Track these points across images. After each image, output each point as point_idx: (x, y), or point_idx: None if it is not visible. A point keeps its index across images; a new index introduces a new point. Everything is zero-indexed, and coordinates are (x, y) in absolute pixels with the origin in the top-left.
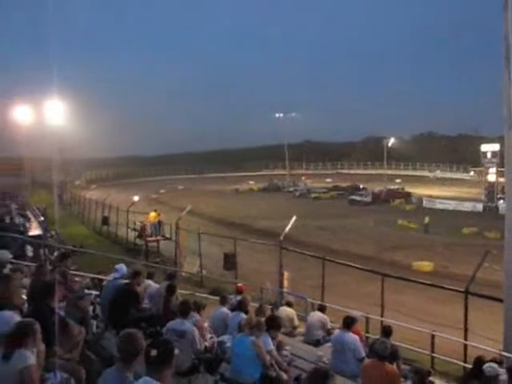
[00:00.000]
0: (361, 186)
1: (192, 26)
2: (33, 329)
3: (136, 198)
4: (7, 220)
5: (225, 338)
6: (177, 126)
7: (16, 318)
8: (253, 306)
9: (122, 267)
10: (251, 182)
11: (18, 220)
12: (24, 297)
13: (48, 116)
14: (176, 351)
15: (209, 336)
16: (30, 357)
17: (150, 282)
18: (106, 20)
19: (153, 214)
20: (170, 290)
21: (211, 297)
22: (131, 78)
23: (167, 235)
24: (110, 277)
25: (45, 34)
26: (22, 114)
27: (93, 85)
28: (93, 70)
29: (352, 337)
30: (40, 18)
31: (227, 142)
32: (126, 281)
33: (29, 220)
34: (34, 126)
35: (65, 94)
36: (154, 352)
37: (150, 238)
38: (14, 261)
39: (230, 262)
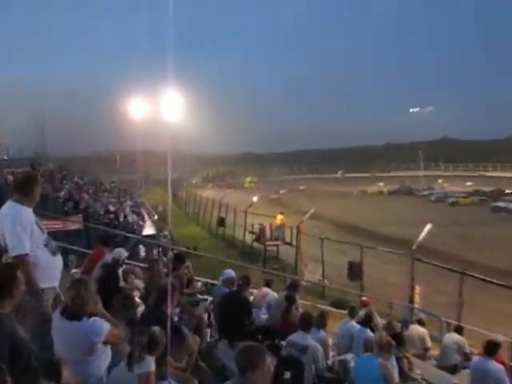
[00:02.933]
0: (507, 191)
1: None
2: (163, 339)
3: (255, 199)
4: (121, 217)
5: (348, 356)
6: (293, 124)
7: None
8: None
9: (230, 272)
10: (380, 184)
11: (132, 218)
12: (138, 300)
13: (164, 110)
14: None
15: (331, 354)
16: (152, 363)
17: (268, 290)
18: (224, 18)
19: (280, 217)
20: (291, 299)
21: (333, 309)
22: (247, 75)
23: (287, 240)
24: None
25: (163, 33)
26: (137, 108)
27: (208, 81)
28: (209, 67)
29: (496, 365)
30: (158, 17)
31: (350, 139)
32: (233, 288)
33: (143, 218)
34: (150, 120)
35: (181, 89)
36: (287, 374)
37: (268, 242)
38: (126, 261)
39: (355, 271)
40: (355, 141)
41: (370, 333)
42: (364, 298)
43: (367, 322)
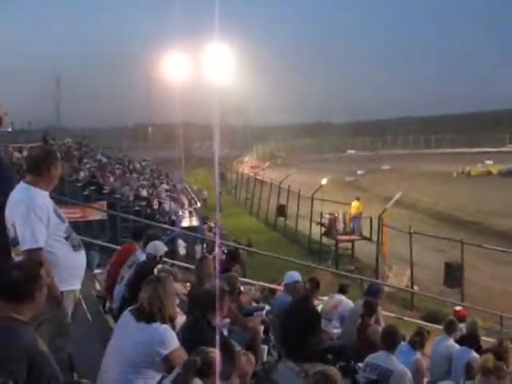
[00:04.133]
0: None
1: None
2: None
3: (324, 181)
4: (155, 205)
5: None
6: (383, 87)
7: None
8: (486, 340)
9: (295, 274)
10: (488, 162)
11: (169, 206)
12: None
13: (209, 70)
14: None
15: (425, 380)
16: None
17: (342, 297)
18: None
19: (355, 204)
20: (370, 310)
21: (425, 323)
22: (319, 25)
23: (365, 234)
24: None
25: None
26: (174, 68)
27: (267, 32)
28: (268, 12)
29: None
30: None
31: (456, 105)
32: (297, 294)
33: (182, 206)
34: (190, 84)
35: (231, 43)
36: None
37: (341, 237)
38: (164, 259)
39: (453, 275)
40: (469, 106)
41: (474, 354)
42: (458, 308)
43: (470, 340)
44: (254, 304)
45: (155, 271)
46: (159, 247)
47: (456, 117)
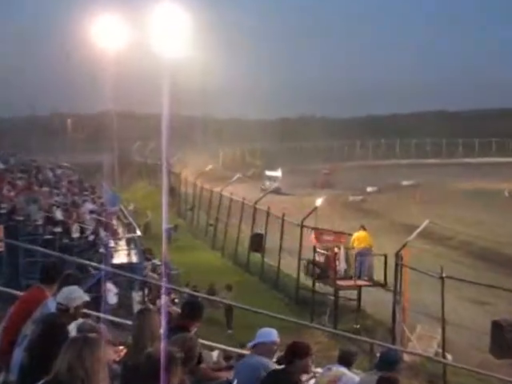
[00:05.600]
0: None
1: None
2: None
3: (319, 202)
4: (74, 232)
5: None
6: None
7: None
8: None
9: (270, 333)
10: None
11: (95, 233)
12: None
13: (154, 38)
14: None
15: None
16: None
17: (343, 370)
18: None
19: (361, 235)
20: None
21: None
22: None
23: (377, 278)
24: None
25: None
26: (108, 36)
27: None
28: None
29: None
30: None
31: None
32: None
33: (114, 234)
34: (129, 57)
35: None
36: None
37: (343, 282)
38: (85, 310)
39: (503, 340)
40: None
41: None
42: None
43: None
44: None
45: (71, 329)
46: (75, 295)
47: (508, 112)
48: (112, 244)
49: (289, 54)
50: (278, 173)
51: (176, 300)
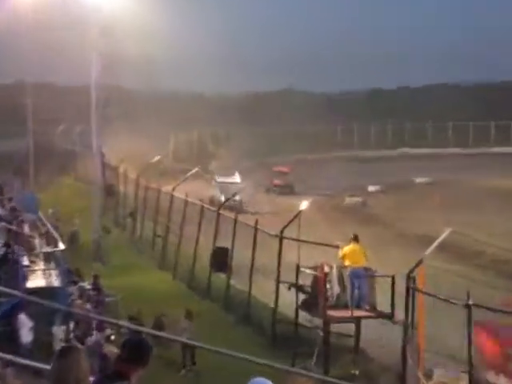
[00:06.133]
0: None
1: None
2: None
3: (304, 205)
4: None
5: None
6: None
7: None
8: None
9: None
10: None
11: (3, 249)
12: None
13: None
14: None
15: None
16: None
17: None
18: None
19: (353, 249)
20: None
21: None
22: None
23: (381, 306)
24: None
25: None
26: None
27: None
28: None
29: None
30: None
31: None
32: None
33: (30, 249)
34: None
35: None
36: None
37: (336, 313)
38: None
39: None
40: None
41: None
42: None
43: None
44: None
45: None
46: None
47: None
48: (26, 262)
49: (265, 12)
50: (235, 178)
51: (112, 337)
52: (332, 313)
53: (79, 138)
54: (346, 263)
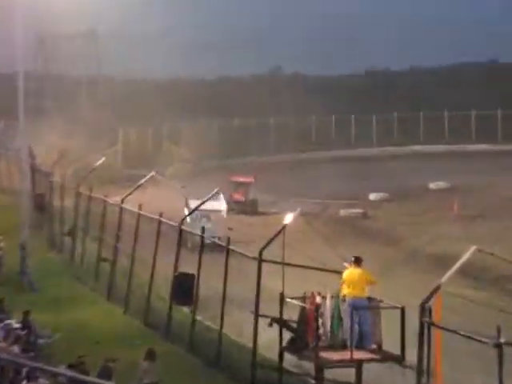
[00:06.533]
0: None
1: None
2: None
3: (289, 219)
4: None
5: None
6: None
7: None
8: None
9: None
10: None
11: None
12: None
13: None
14: None
15: None
16: None
17: None
18: None
19: (352, 274)
20: None
21: None
22: None
23: (388, 346)
24: None
25: None
26: None
27: None
28: None
29: None
30: None
31: None
32: None
33: None
34: None
35: None
36: None
37: (330, 355)
38: None
39: None
40: None
41: None
42: None
43: None
44: None
45: None
46: None
47: None
48: None
49: None
50: (220, 203)
51: None
52: (326, 355)
53: (1, 136)
54: (344, 292)
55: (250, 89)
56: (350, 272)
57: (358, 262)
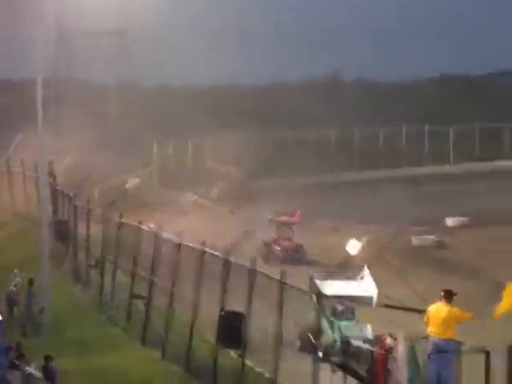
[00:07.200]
0: None
1: None
2: None
3: (354, 247)
4: None
5: None
6: None
7: None
8: None
9: None
10: None
11: None
12: None
13: None
14: None
15: None
16: None
17: None
18: None
19: (440, 310)
20: None
21: None
22: None
23: None
24: None
25: None
26: None
27: None
28: None
29: None
30: None
31: None
32: None
33: None
34: None
35: None
36: None
37: None
38: None
39: None
40: None
41: None
42: None
43: None
44: None
45: None
46: None
47: None
48: None
49: None
50: (367, 285)
51: None
52: None
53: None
54: (431, 330)
55: (304, 96)
56: (438, 308)
57: (449, 296)
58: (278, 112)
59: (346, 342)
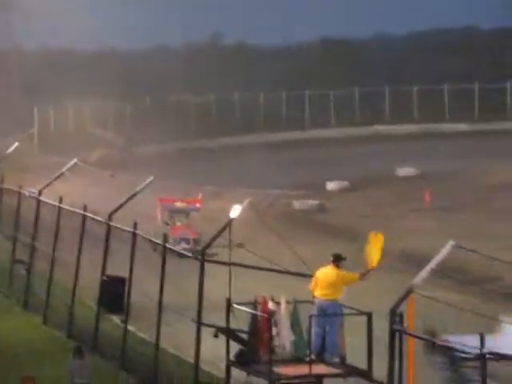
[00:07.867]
0: None
1: None
2: None
3: (236, 212)
4: None
5: None
6: None
7: None
8: None
9: None
10: None
11: None
12: None
13: None
14: None
15: None
16: None
17: None
18: None
19: (327, 273)
20: None
21: None
22: None
23: (353, 358)
24: None
25: None
26: None
27: None
28: None
29: None
30: None
31: None
32: None
33: None
34: None
35: None
36: None
37: (286, 369)
38: None
39: None
40: None
41: None
42: None
43: None
44: None
45: None
46: None
47: None
48: None
49: None
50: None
51: None
52: (281, 370)
53: None
54: (316, 293)
55: (185, 61)
56: (326, 271)
57: (338, 260)
58: (160, 76)
59: None
